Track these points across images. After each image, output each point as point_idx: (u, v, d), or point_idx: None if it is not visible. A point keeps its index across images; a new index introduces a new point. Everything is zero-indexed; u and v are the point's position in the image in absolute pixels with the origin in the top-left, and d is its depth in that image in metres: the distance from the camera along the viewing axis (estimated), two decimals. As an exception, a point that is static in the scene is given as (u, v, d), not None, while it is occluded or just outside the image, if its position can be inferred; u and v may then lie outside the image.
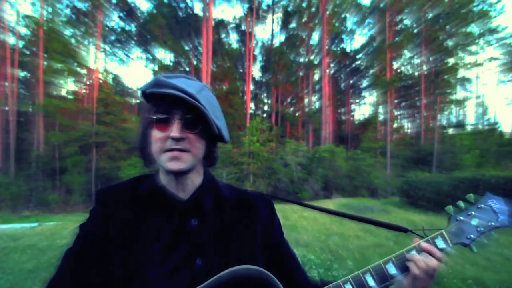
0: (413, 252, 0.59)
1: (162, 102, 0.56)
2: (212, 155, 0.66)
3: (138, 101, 31.73)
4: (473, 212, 0.61)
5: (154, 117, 0.57)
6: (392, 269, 0.58)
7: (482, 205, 0.62)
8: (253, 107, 33.34)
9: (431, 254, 0.58)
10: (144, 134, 0.60)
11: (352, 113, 36.38)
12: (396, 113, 29.39)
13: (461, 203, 0.63)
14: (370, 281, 0.57)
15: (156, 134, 0.57)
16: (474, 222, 0.60)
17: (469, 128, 27.63)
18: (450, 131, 26.99)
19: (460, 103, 29.69)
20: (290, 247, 0.72)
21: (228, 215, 0.64)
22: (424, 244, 0.59)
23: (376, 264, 0.59)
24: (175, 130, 0.55)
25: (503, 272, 3.29)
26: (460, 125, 27.76)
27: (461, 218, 0.61)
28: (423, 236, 0.62)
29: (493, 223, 0.60)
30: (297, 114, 32.83)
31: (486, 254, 4.03)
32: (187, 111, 0.56)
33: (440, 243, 0.60)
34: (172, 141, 0.55)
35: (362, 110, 36.75)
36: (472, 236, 0.60)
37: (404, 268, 0.58)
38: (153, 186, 0.63)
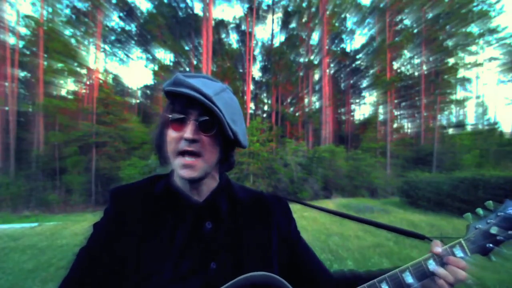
0: (431, 262, 0.57)
1: (178, 101, 0.56)
2: (228, 159, 0.64)
3: (138, 101, 31.81)
4: (492, 220, 0.59)
5: (170, 116, 0.56)
6: (409, 278, 0.57)
7: (502, 213, 0.59)
8: (253, 107, 33.38)
9: (457, 266, 0.56)
10: (160, 132, 0.60)
11: (352, 113, 36.45)
12: (396, 113, 29.40)
13: (480, 211, 0.61)
14: None
15: (171, 134, 0.56)
16: (493, 230, 0.58)
17: (469, 128, 27.63)
18: (450, 131, 26.98)
19: (460, 103, 29.69)
20: (308, 246, 0.71)
21: (243, 218, 0.63)
22: (452, 258, 0.57)
23: (393, 272, 0.58)
24: (189, 131, 0.54)
25: (503, 272, 3.29)
26: (460, 125, 27.75)
27: (480, 226, 0.59)
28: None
29: None
30: (297, 114, 32.83)
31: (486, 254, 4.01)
32: (203, 112, 0.54)
33: (458, 252, 0.58)
34: (186, 142, 0.54)
35: (362, 110, 36.85)
36: (491, 245, 0.58)
37: (421, 277, 0.57)
38: (168, 187, 0.62)
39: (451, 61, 24.79)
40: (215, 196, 0.62)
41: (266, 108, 34.09)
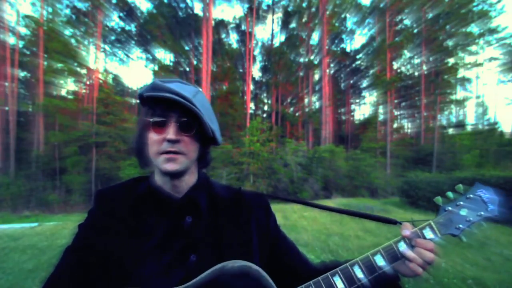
0: (401, 244, 0.59)
1: (158, 105, 0.59)
2: (205, 157, 0.69)
3: (138, 101, 31.68)
4: (462, 203, 0.61)
5: (151, 120, 0.59)
6: (380, 261, 0.59)
7: (471, 195, 0.61)
8: (253, 107, 33.35)
9: (424, 248, 0.58)
10: (140, 136, 0.63)
11: (352, 113, 36.42)
12: (396, 113, 29.40)
13: (450, 194, 0.62)
14: (359, 273, 0.58)
15: (152, 137, 0.59)
16: (463, 212, 0.60)
17: (469, 128, 27.65)
18: (450, 131, 27.00)
19: (460, 103, 29.70)
20: (288, 238, 0.74)
21: (222, 213, 0.65)
22: (420, 240, 0.58)
23: (364, 256, 0.59)
24: (171, 133, 0.57)
25: (503, 272, 3.29)
26: (460, 125, 27.76)
27: (450, 208, 0.61)
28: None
29: (482, 213, 0.59)
30: (297, 114, 32.81)
31: (486, 254, 4.02)
32: (183, 114, 0.58)
33: (428, 234, 0.59)
34: (168, 143, 0.57)
35: (362, 110, 36.81)
36: (461, 226, 0.59)
37: (392, 259, 0.59)
38: (150, 186, 0.65)
39: (451, 61, 24.81)
40: (194, 191, 0.65)
41: (266, 108, 34.08)
